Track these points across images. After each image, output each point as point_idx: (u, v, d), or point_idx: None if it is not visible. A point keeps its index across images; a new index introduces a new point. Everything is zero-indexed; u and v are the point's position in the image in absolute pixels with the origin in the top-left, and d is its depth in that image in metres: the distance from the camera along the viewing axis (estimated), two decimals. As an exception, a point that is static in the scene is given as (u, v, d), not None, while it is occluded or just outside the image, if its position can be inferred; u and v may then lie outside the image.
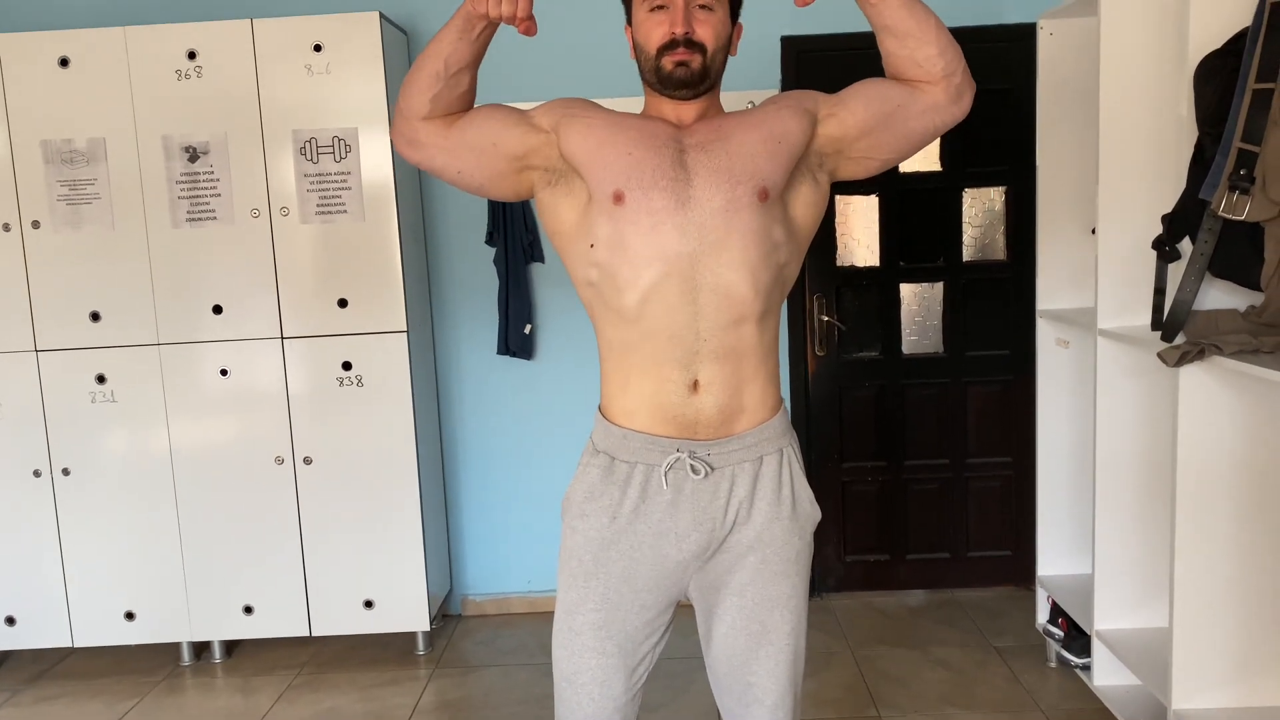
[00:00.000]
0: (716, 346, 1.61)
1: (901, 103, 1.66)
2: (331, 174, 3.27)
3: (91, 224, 3.28)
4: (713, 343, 1.61)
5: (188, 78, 3.23)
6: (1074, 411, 3.20)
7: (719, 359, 1.62)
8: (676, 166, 1.62)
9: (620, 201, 1.60)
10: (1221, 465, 2.30)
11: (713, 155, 1.63)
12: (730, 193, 1.60)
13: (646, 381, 1.64)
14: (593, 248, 1.64)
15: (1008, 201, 3.73)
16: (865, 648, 3.42)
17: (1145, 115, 2.62)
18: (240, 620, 3.42)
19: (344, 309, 3.30)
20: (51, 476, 3.36)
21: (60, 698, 3.32)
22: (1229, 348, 2.14)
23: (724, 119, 1.71)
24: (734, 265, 1.60)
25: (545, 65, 3.61)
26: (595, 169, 1.62)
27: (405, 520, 3.40)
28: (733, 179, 1.61)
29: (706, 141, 1.65)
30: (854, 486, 3.85)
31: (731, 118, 1.71)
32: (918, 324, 3.81)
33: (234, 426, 3.35)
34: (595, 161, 1.62)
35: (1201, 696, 2.35)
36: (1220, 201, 2.14)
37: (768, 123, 1.68)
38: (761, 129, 1.67)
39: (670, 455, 1.64)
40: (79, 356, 3.32)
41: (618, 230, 1.61)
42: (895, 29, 1.60)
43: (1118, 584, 2.80)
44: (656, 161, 1.61)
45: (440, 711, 3.12)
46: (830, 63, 3.65)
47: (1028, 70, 3.24)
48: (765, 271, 1.64)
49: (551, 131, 1.67)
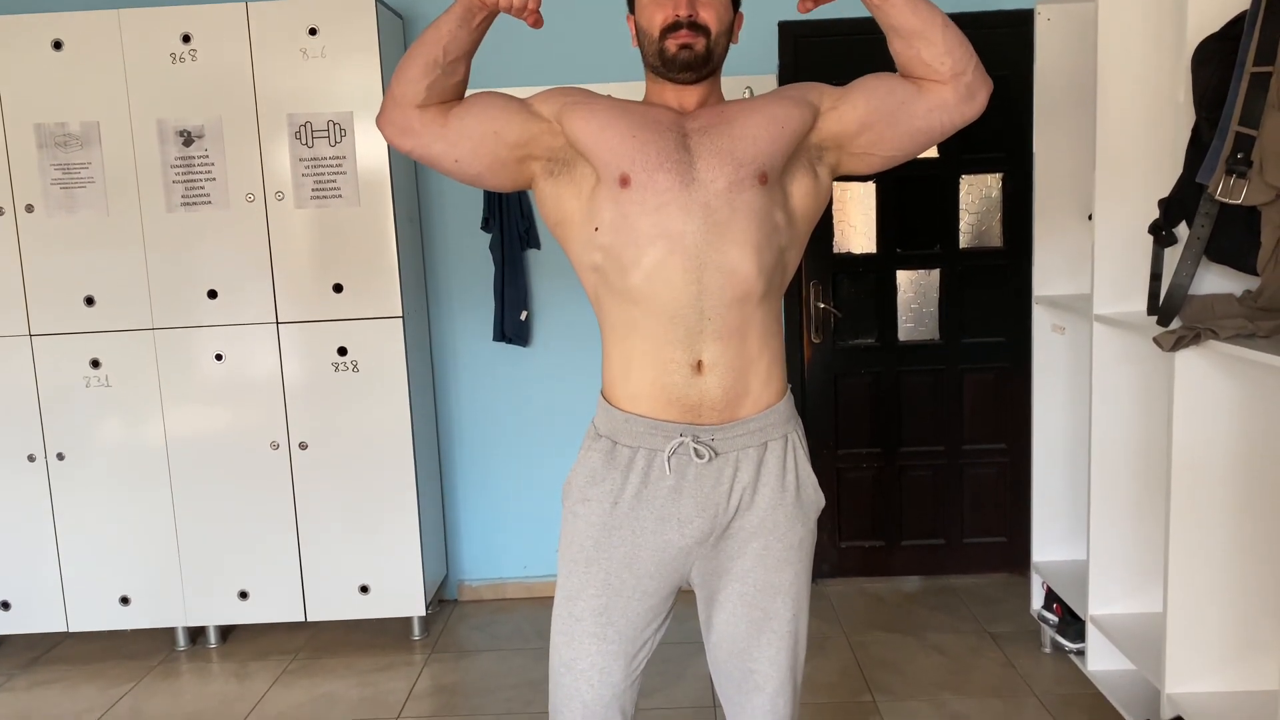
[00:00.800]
0: (720, 325, 1.61)
1: (906, 99, 1.64)
2: (326, 158, 3.26)
3: (86, 208, 3.26)
4: (716, 321, 1.61)
5: (182, 61, 3.21)
6: (1069, 398, 3.20)
7: (722, 338, 1.61)
8: (680, 149, 1.62)
9: (626, 184, 1.60)
10: (1217, 450, 2.30)
11: (715, 138, 1.63)
12: (733, 175, 1.61)
13: (649, 363, 1.63)
14: (597, 230, 1.64)
15: (1004, 188, 3.73)
16: (860, 633, 3.43)
17: (1143, 101, 2.61)
18: (235, 605, 3.42)
19: (339, 294, 3.30)
20: (46, 461, 3.35)
21: (55, 682, 3.32)
22: (1225, 332, 2.14)
23: (725, 105, 1.71)
24: (738, 243, 1.60)
25: (545, 51, 3.59)
26: (602, 152, 1.61)
27: (401, 506, 3.39)
28: (735, 161, 1.61)
29: (709, 125, 1.65)
30: (849, 473, 3.86)
31: (733, 104, 1.71)
32: (914, 311, 3.81)
33: (229, 412, 3.35)
34: (601, 145, 1.61)
35: (1195, 681, 2.36)
36: (1217, 185, 2.14)
37: (769, 108, 1.68)
38: (763, 113, 1.67)
39: (674, 440, 1.63)
40: (73, 341, 3.31)
41: (623, 212, 1.61)
42: (901, 29, 1.59)
43: (1112, 569, 2.81)
44: (660, 144, 1.61)
45: (436, 696, 3.13)
46: (829, 49, 3.65)
47: (1025, 57, 3.24)
48: (768, 251, 1.64)
49: (553, 120, 1.66)
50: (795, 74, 3.63)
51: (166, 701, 3.16)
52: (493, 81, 3.60)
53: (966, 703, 2.93)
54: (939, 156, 3.71)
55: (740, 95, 3.55)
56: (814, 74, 3.65)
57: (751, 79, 3.56)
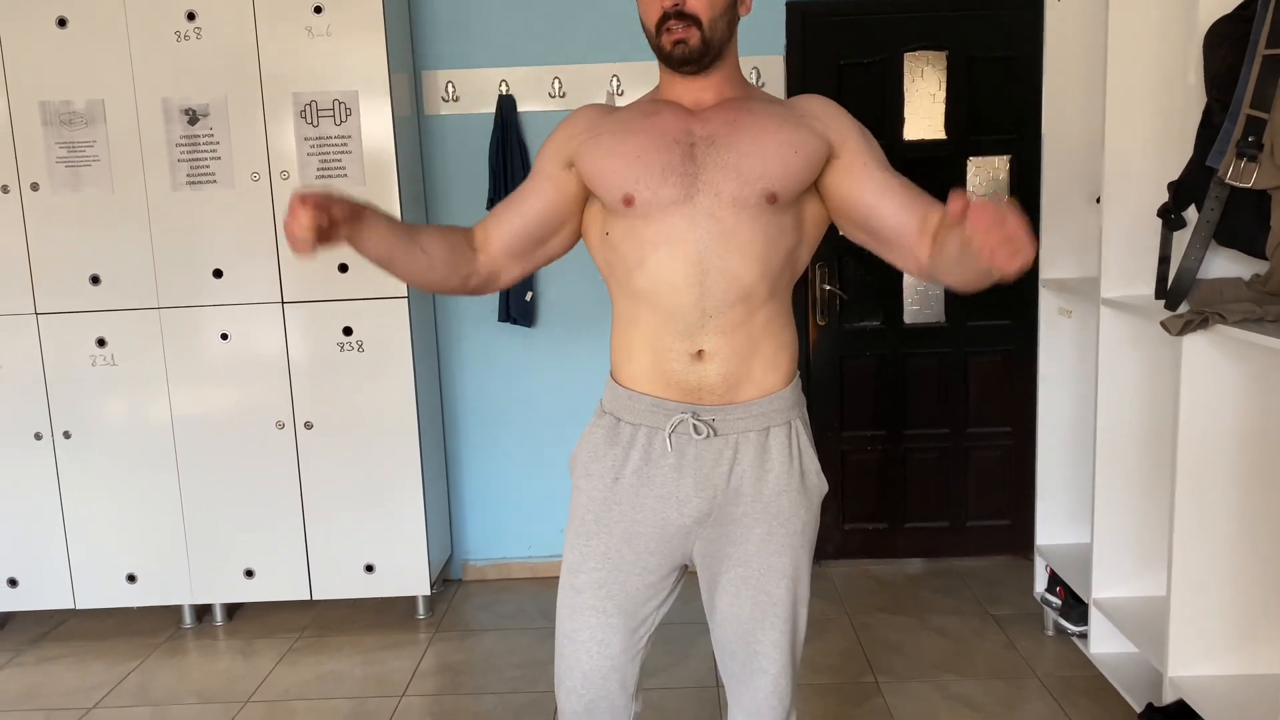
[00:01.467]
0: (721, 322, 1.61)
1: (894, 236, 1.62)
2: (332, 137, 3.25)
3: (91, 186, 3.26)
4: (718, 319, 1.61)
5: (187, 39, 3.20)
6: (1075, 381, 3.20)
7: (724, 332, 1.62)
8: (686, 161, 1.61)
9: (630, 204, 1.61)
10: (1223, 434, 2.30)
11: (722, 151, 1.60)
12: (738, 191, 1.59)
13: (651, 350, 1.65)
14: (608, 235, 1.68)
15: (1012, 170, 3.71)
16: (863, 615, 3.44)
17: (1153, 83, 2.59)
18: (241, 583, 3.44)
19: (344, 274, 3.29)
20: (53, 439, 3.36)
21: (63, 658, 3.35)
22: (1233, 316, 2.13)
23: (741, 107, 1.66)
24: (742, 253, 1.60)
25: (571, 29, 3.58)
26: (604, 183, 1.64)
27: (406, 485, 3.40)
28: (740, 179, 1.59)
29: (718, 134, 1.62)
30: (854, 455, 3.86)
31: (750, 108, 1.66)
32: (919, 293, 3.80)
33: (235, 391, 3.35)
34: (604, 176, 1.64)
35: (1198, 664, 2.37)
36: (1227, 169, 2.13)
37: (786, 129, 1.63)
38: (780, 134, 1.62)
39: (675, 418, 1.64)
40: (79, 320, 3.31)
41: (630, 224, 1.63)
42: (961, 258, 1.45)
43: (1116, 553, 2.81)
44: (665, 159, 1.61)
45: (440, 675, 3.14)
46: (837, 28, 3.62)
47: (1034, 38, 3.22)
48: (775, 257, 1.63)
49: (569, 167, 1.70)
50: (803, 55, 3.61)
51: (173, 678, 3.18)
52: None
53: (968, 684, 2.94)
54: (946, 138, 3.69)
55: (747, 76, 3.53)
56: (822, 55, 3.63)
57: (758, 59, 3.54)
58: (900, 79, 3.66)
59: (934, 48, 3.64)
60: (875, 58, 3.65)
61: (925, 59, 3.65)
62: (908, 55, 3.65)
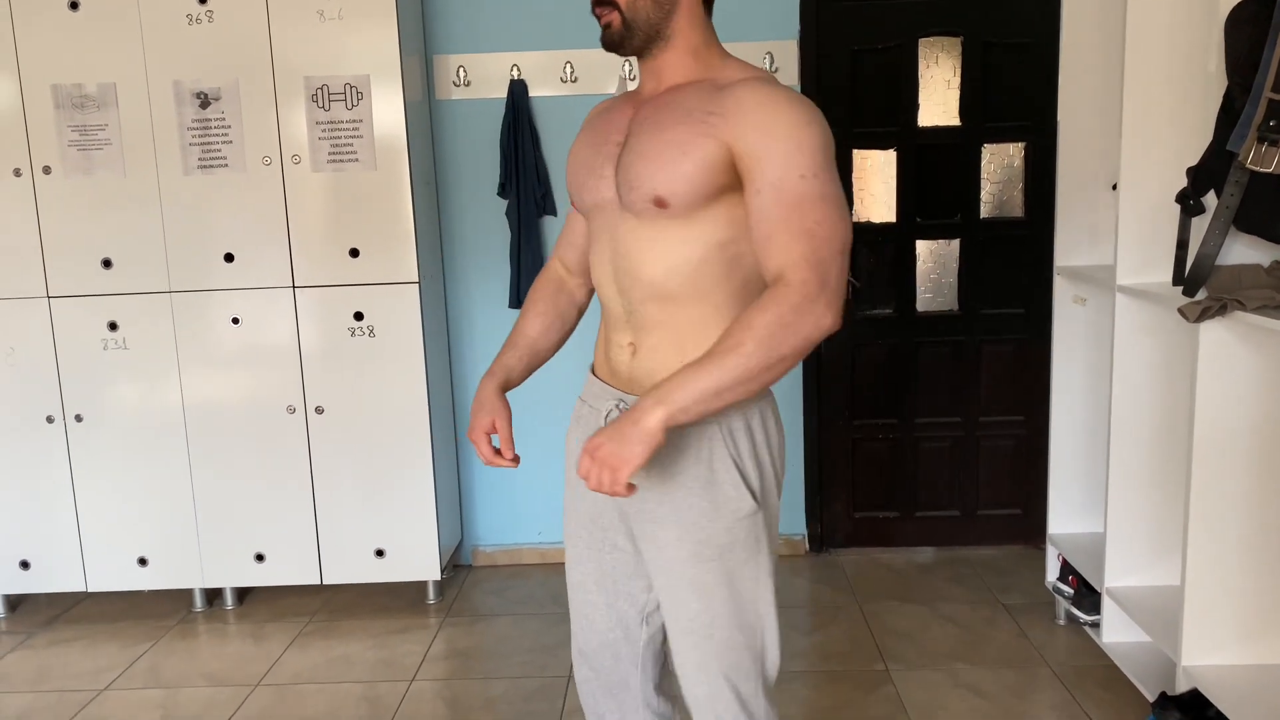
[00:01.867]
0: (642, 321, 1.60)
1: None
2: (343, 122, 3.24)
3: (102, 170, 3.26)
4: (640, 315, 1.60)
5: (199, 22, 3.19)
6: (1089, 370, 3.18)
7: (646, 330, 1.60)
8: (608, 163, 1.59)
9: (575, 206, 1.72)
10: (1240, 423, 2.28)
11: (628, 151, 1.54)
12: (626, 195, 1.54)
13: (603, 342, 1.71)
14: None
15: (1027, 157, 3.68)
16: (873, 603, 3.43)
17: (1172, 68, 2.56)
18: (252, 567, 3.45)
19: (355, 259, 3.29)
20: (64, 423, 3.37)
21: (75, 641, 3.36)
22: (1252, 303, 2.11)
23: (667, 101, 1.53)
24: (643, 256, 1.55)
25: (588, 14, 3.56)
26: (568, 190, 1.72)
27: (416, 470, 3.40)
28: (627, 182, 1.53)
29: (635, 131, 1.55)
30: (865, 443, 3.84)
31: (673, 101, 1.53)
32: (933, 281, 3.78)
33: (246, 375, 3.35)
34: (567, 183, 1.72)
35: (1212, 654, 2.36)
36: (1248, 153, 2.10)
37: (681, 128, 1.48)
38: (671, 133, 1.49)
39: (609, 403, 1.66)
40: (91, 303, 3.32)
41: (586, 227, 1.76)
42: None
43: (1129, 542, 2.79)
44: (594, 162, 1.62)
45: (450, 659, 3.15)
46: (852, 12, 3.60)
47: (1050, 23, 3.19)
48: (686, 261, 1.53)
49: None
50: (818, 40, 3.58)
51: (184, 661, 3.19)
52: (528, 43, 3.57)
53: (979, 673, 2.93)
54: (960, 124, 3.66)
55: (759, 62, 3.51)
56: (836, 40, 3.61)
57: (772, 44, 3.51)
58: (915, 65, 3.63)
59: (949, 33, 3.61)
60: (890, 43, 3.62)
61: (940, 45, 3.62)
62: (923, 41, 3.62)
